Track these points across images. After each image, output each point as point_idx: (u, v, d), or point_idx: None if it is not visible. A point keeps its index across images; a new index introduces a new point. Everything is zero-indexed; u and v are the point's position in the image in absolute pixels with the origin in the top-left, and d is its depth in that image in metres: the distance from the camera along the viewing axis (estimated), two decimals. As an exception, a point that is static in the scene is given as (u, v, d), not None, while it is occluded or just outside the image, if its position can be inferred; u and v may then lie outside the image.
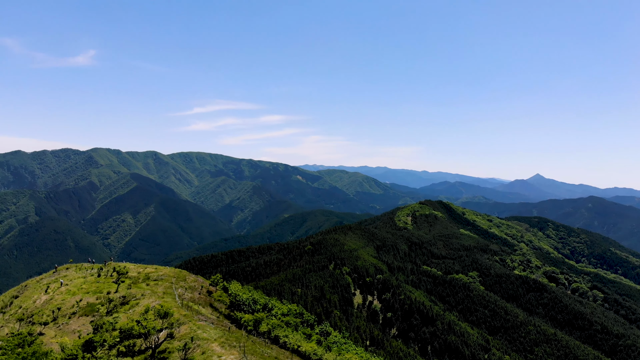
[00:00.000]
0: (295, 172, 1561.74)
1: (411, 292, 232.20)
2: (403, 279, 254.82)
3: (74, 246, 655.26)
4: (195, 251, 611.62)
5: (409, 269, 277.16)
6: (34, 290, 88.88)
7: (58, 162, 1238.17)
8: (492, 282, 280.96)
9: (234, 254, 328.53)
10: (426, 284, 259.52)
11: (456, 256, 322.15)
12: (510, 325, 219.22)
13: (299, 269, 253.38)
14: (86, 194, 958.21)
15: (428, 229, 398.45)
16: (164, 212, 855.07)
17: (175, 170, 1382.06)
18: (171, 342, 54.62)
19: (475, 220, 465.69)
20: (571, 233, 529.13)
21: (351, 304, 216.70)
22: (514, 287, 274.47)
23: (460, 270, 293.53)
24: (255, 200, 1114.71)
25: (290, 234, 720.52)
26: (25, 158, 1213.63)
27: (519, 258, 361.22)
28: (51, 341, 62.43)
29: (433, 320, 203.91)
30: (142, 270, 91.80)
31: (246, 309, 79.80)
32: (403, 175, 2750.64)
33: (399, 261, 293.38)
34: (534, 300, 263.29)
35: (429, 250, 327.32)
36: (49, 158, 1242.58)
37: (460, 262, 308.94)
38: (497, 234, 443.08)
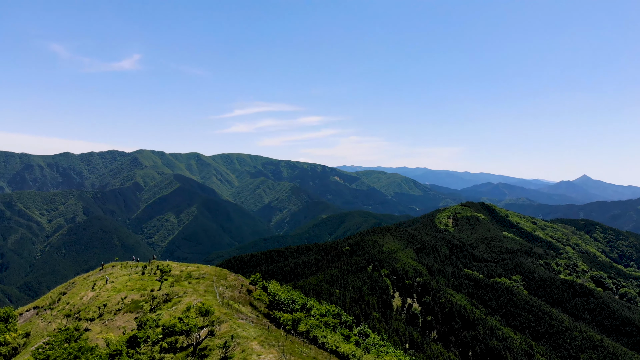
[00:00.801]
0: (333, 173, 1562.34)
1: (452, 296, 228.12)
2: (443, 282, 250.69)
3: (120, 245, 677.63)
4: (236, 250, 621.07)
5: (450, 272, 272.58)
6: (81, 287, 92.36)
7: (105, 163, 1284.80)
8: (536, 286, 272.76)
9: (272, 254, 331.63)
10: (467, 287, 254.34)
11: (499, 259, 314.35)
12: (555, 330, 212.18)
13: (337, 270, 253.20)
14: (131, 194, 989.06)
15: (470, 232, 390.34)
16: (206, 212, 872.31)
17: (217, 171, 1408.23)
18: (212, 339, 55.57)
19: (519, 223, 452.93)
20: (619, 236, 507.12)
21: (390, 307, 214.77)
22: (559, 292, 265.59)
23: (503, 273, 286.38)
24: (293, 200, 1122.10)
25: (328, 235, 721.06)
26: (74, 159, 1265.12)
27: (565, 262, 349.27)
28: (97, 337, 64.65)
29: (474, 324, 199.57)
30: (185, 268, 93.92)
31: (285, 309, 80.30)
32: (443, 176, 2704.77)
33: (439, 264, 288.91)
34: (580, 306, 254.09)
35: (470, 253, 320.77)
36: (96, 159, 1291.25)
37: (503, 266, 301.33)
38: (542, 236, 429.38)
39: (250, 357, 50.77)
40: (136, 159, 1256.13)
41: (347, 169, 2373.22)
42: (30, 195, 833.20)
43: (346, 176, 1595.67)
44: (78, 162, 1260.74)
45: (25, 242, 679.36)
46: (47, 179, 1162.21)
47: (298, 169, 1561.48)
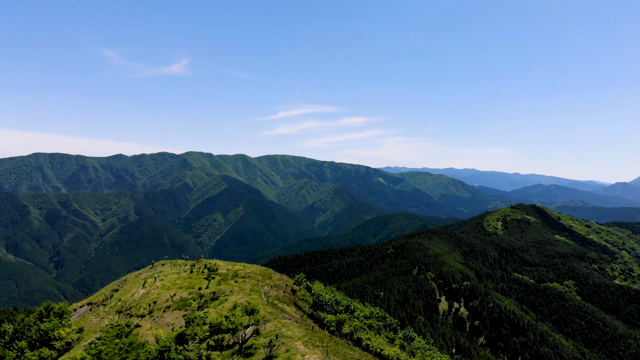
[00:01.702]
0: (377, 174, 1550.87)
1: (501, 301, 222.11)
2: (492, 287, 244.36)
3: (170, 243, 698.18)
4: (280, 250, 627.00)
5: (499, 276, 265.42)
6: (132, 284, 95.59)
7: (156, 165, 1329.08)
8: (589, 292, 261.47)
9: (316, 255, 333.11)
10: (517, 292, 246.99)
11: (550, 264, 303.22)
12: (608, 338, 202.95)
13: (381, 272, 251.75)
14: (181, 195, 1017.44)
15: (520, 235, 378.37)
16: (252, 212, 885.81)
17: (262, 172, 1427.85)
18: (257, 338, 56.15)
19: (571, 226, 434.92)
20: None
21: (436, 310, 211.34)
22: (613, 298, 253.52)
23: (555, 278, 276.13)
24: (336, 202, 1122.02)
25: (372, 237, 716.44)
26: (126, 161, 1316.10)
27: (620, 267, 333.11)
28: (147, 333, 66.64)
29: (524, 330, 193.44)
30: (231, 267, 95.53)
31: (329, 310, 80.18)
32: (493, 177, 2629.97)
33: (487, 268, 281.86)
34: (635, 312, 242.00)
35: (520, 257, 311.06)
36: (147, 161, 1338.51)
37: (554, 270, 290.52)
38: (596, 240, 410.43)
39: (294, 357, 50.93)
40: (185, 160, 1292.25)
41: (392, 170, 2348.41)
42: (85, 196, 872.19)
43: (390, 177, 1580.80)
44: (130, 163, 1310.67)
45: (80, 240, 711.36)
46: (101, 180, 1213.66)
47: (341, 170, 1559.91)
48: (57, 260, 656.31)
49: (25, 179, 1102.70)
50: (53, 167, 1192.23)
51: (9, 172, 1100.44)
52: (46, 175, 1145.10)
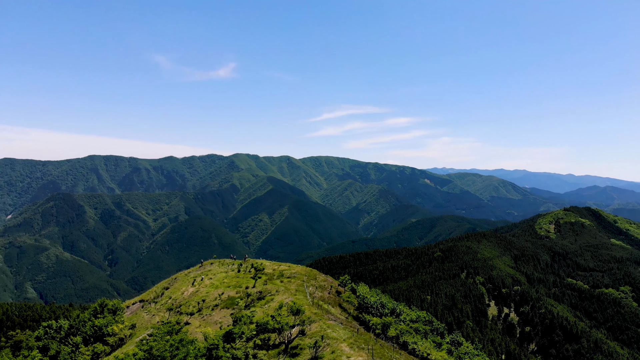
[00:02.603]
0: (423, 176, 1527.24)
1: (553, 306, 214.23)
2: (544, 292, 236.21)
3: (218, 243, 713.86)
4: (325, 251, 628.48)
5: (551, 281, 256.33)
6: (182, 282, 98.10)
7: (205, 166, 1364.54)
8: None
9: (361, 256, 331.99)
10: (570, 298, 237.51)
11: (606, 269, 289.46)
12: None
13: (427, 276, 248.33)
14: (228, 196, 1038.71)
15: (573, 239, 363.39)
16: (296, 213, 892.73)
17: (306, 174, 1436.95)
18: (302, 338, 56.30)
19: (628, 230, 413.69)
20: None
21: (485, 315, 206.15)
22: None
23: (611, 284, 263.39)
24: (381, 203, 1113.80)
25: (418, 239, 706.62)
26: (177, 163, 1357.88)
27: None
28: (196, 330, 68.14)
29: (577, 337, 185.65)
30: (277, 267, 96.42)
31: (374, 312, 79.53)
32: (545, 179, 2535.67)
33: (539, 272, 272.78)
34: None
35: (574, 262, 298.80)
36: (197, 163, 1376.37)
37: (610, 276, 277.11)
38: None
39: (339, 358, 50.71)
40: (233, 162, 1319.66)
41: (439, 171, 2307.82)
42: (138, 196, 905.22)
43: (437, 179, 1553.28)
44: (181, 165, 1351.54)
45: (133, 239, 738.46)
46: (153, 181, 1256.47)
47: (386, 171, 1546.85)
48: (111, 259, 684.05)
49: (82, 180, 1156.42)
50: (108, 168, 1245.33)
51: (66, 173, 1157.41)
52: (101, 177, 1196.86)
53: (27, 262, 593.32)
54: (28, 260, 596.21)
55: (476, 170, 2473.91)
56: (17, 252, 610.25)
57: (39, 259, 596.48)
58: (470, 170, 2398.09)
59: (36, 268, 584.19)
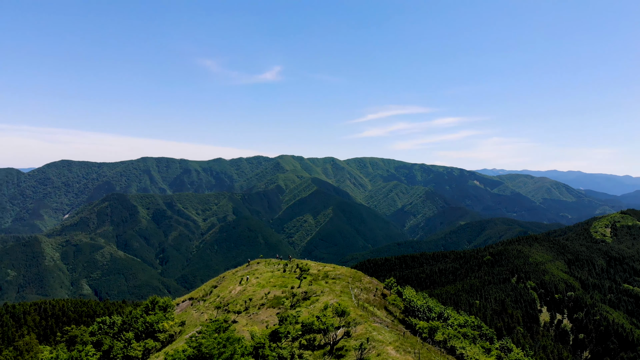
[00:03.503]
0: (472, 177, 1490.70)
1: (609, 313, 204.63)
2: (599, 298, 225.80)
3: (264, 243, 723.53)
4: (369, 253, 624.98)
5: (607, 287, 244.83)
6: (230, 281, 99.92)
7: (251, 167, 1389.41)
8: None
9: (407, 259, 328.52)
10: (627, 304, 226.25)
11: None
12: None
13: (476, 280, 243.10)
14: (274, 196, 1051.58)
15: (631, 243, 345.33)
16: (341, 214, 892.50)
17: (350, 175, 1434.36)
18: (348, 340, 56.00)
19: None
20: None
21: (536, 321, 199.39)
22: None
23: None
24: (428, 205, 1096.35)
25: (466, 243, 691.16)
26: (225, 164, 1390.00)
27: None
28: (243, 329, 69.10)
29: (634, 345, 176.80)
30: (322, 268, 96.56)
31: (421, 316, 78.21)
32: (600, 180, 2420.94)
33: (594, 278, 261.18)
34: None
35: (631, 267, 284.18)
36: (244, 164, 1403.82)
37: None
38: None
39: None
40: (278, 163, 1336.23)
41: (488, 172, 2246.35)
42: (188, 197, 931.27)
43: (487, 180, 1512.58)
44: (229, 166, 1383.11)
45: (183, 238, 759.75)
46: (203, 182, 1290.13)
47: (433, 172, 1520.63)
48: (162, 257, 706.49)
49: (135, 181, 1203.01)
50: (159, 170, 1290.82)
51: (120, 174, 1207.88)
52: (153, 178, 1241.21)
53: (83, 259, 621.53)
54: (84, 258, 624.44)
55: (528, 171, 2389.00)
56: (73, 250, 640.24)
57: (94, 257, 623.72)
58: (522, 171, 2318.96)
59: (91, 266, 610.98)
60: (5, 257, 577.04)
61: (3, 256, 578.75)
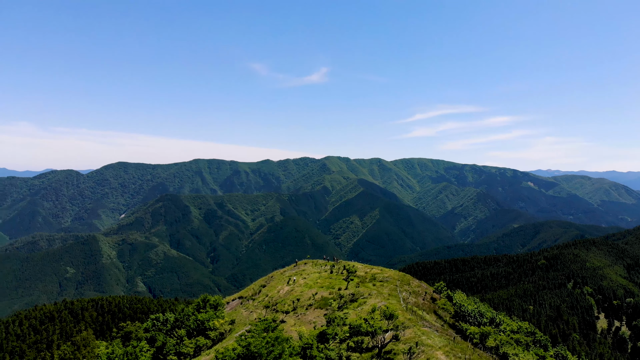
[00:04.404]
0: (526, 178, 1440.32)
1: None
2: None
3: (311, 243, 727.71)
4: (418, 256, 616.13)
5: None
6: (278, 281, 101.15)
7: (298, 169, 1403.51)
8: None
9: (457, 263, 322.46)
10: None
11: None
12: None
13: (530, 285, 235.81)
14: (320, 197, 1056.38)
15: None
16: (388, 216, 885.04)
17: (398, 176, 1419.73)
18: (396, 344, 55.41)
19: None
20: None
21: (593, 328, 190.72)
22: None
23: None
24: (479, 207, 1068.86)
25: (520, 246, 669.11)
26: (273, 166, 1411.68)
27: None
28: (291, 329, 69.71)
29: None
30: (369, 270, 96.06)
31: (471, 321, 76.42)
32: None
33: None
34: None
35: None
36: (291, 166, 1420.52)
37: None
38: None
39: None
40: (325, 164, 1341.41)
41: (543, 173, 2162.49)
42: (238, 197, 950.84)
43: (541, 181, 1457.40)
44: (276, 168, 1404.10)
45: (233, 238, 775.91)
46: (251, 183, 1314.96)
47: (484, 173, 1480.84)
48: (213, 256, 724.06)
49: (187, 182, 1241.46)
50: (211, 171, 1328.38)
51: (174, 176, 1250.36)
52: (205, 179, 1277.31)
53: (138, 258, 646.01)
54: (139, 256, 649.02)
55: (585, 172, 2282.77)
56: (129, 249, 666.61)
57: (148, 256, 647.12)
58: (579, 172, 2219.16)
59: (146, 264, 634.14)
60: (65, 255, 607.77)
61: (63, 254, 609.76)
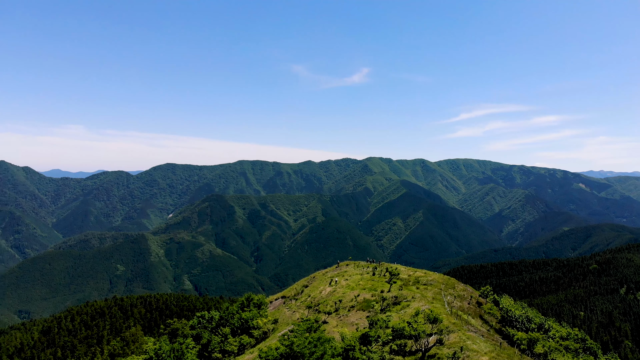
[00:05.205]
0: (577, 180, 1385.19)
1: None
2: None
3: (352, 245, 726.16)
4: (463, 259, 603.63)
5: None
6: (320, 281, 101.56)
7: (339, 170, 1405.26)
8: None
9: (504, 266, 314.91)
10: None
11: None
12: None
13: (581, 290, 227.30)
14: (362, 199, 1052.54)
15: None
16: (432, 218, 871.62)
17: (442, 177, 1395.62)
18: (440, 348, 54.65)
19: None
20: None
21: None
22: None
23: None
24: (527, 210, 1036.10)
25: (570, 250, 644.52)
26: (314, 167, 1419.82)
27: None
28: (333, 330, 69.90)
29: None
30: (412, 273, 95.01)
31: (519, 326, 74.42)
32: None
33: None
34: None
35: None
36: (332, 167, 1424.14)
37: None
38: None
39: (480, 372, 48.24)
40: (366, 165, 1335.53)
41: (595, 174, 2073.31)
42: (280, 198, 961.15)
43: (593, 183, 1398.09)
44: (318, 169, 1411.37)
45: (276, 238, 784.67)
46: (293, 184, 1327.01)
47: (533, 174, 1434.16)
48: (257, 255, 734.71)
49: (232, 182, 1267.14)
50: (254, 172, 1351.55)
51: (219, 177, 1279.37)
52: (249, 180, 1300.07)
53: (185, 256, 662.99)
54: (186, 254, 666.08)
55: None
56: (176, 248, 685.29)
57: (194, 254, 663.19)
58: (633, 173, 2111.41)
59: (192, 262, 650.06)
60: (115, 253, 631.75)
61: (113, 252, 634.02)
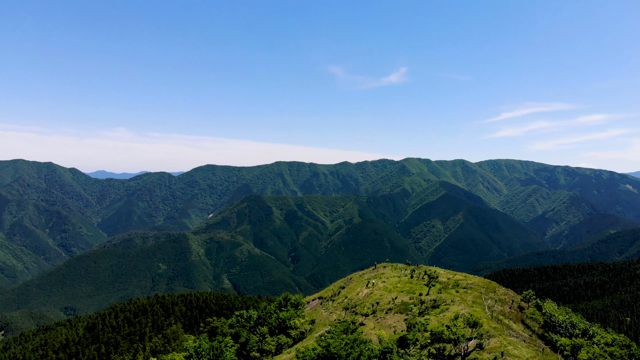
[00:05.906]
0: (624, 181, 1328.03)
1: None
2: None
3: (390, 247, 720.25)
4: (505, 263, 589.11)
5: None
6: (357, 283, 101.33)
7: (376, 171, 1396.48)
8: None
9: (548, 270, 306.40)
10: None
11: None
12: None
13: (628, 295, 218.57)
14: (400, 200, 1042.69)
15: None
16: (472, 220, 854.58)
17: (483, 179, 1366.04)
18: (480, 353, 53.63)
19: None
20: None
21: None
22: None
23: None
24: (572, 212, 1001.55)
25: (617, 254, 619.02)
26: (351, 168, 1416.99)
27: None
28: (370, 332, 69.64)
29: None
30: (452, 276, 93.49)
31: (562, 332, 72.18)
32: None
33: None
34: None
35: None
36: (369, 167, 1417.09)
37: None
38: None
39: (522, 379, 47.04)
40: (404, 166, 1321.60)
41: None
42: (317, 199, 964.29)
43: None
44: (354, 170, 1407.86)
45: (313, 239, 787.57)
46: (330, 185, 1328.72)
47: (578, 175, 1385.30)
48: (294, 256, 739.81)
49: (270, 183, 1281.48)
50: (291, 173, 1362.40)
51: (257, 177, 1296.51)
52: (286, 181, 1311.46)
53: (224, 256, 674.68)
54: (225, 254, 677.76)
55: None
56: (216, 247, 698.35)
57: (233, 254, 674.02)
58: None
59: (231, 261, 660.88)
60: (157, 252, 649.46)
61: (156, 251, 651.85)
